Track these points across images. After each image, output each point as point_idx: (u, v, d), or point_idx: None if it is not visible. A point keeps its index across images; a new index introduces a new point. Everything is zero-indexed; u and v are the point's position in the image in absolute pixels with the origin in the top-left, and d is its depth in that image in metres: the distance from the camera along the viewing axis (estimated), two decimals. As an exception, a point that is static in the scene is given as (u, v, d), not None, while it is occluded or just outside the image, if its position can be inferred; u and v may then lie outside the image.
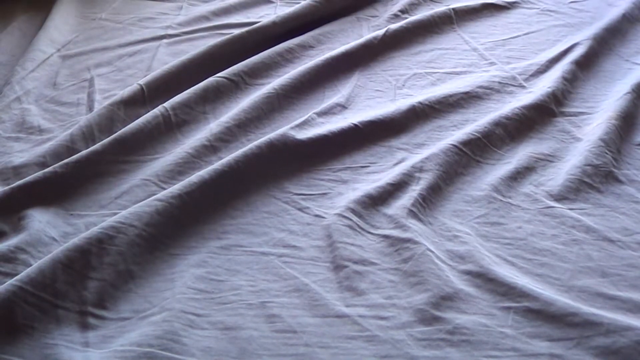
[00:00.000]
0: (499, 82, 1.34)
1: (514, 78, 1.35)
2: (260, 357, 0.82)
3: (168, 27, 1.61)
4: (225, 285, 0.92)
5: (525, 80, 1.35)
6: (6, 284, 0.86)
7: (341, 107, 1.28)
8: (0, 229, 1.00)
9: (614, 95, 1.27)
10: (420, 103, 1.26)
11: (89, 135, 1.19)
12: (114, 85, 1.38)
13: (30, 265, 0.91)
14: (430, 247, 0.96)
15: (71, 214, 1.04)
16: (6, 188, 1.05)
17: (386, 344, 0.83)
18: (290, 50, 1.46)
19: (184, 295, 0.90)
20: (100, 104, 1.30)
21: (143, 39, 1.57)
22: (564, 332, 0.83)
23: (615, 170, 1.10)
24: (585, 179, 1.08)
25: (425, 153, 1.13)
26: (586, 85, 1.33)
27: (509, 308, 0.87)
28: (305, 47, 1.49)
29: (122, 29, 1.62)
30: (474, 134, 1.17)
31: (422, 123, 1.23)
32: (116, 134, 1.17)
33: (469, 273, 0.92)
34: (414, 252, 0.95)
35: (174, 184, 1.05)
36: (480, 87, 1.32)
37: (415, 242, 0.96)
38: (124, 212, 0.98)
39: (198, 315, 0.87)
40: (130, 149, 1.16)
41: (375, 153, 1.16)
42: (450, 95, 1.29)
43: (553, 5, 1.65)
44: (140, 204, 1.00)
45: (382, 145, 1.18)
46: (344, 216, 1.02)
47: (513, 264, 0.94)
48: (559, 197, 1.06)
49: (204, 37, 1.57)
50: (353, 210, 1.03)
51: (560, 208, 1.04)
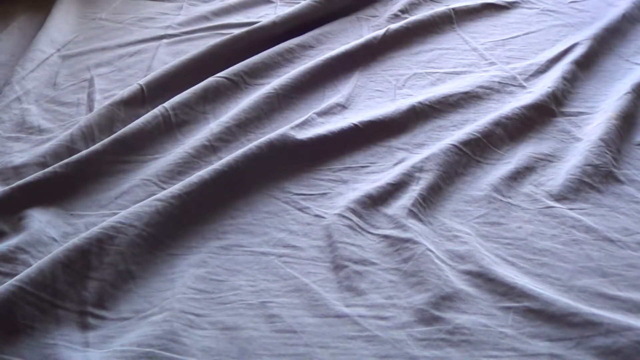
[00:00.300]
0: (499, 82, 1.34)
1: (514, 78, 1.35)
2: (260, 357, 0.82)
3: (168, 27, 1.61)
4: (225, 285, 0.92)
5: (525, 80, 1.35)
6: (6, 284, 0.86)
7: (341, 107, 1.28)
8: (0, 229, 1.00)
9: (614, 95, 1.27)
10: (420, 103, 1.26)
11: (89, 135, 1.19)
12: (114, 85, 1.38)
13: (30, 265, 0.91)
14: (430, 247, 0.96)
15: (71, 214, 1.04)
16: (6, 188, 1.05)
17: (386, 344, 0.83)
18: (290, 50, 1.46)
19: (184, 295, 0.90)
20: (100, 104, 1.30)
21: (143, 39, 1.57)
22: (564, 332, 0.83)
23: (615, 170, 1.10)
24: (585, 179, 1.08)
25: (425, 153, 1.13)
26: (586, 85, 1.33)
27: (509, 308, 0.87)
28: (305, 47, 1.48)
29: (122, 29, 1.62)
30: (474, 134, 1.17)
31: (422, 123, 1.23)
32: (116, 134, 1.17)
33: (469, 273, 0.92)
34: (414, 252, 0.95)
35: (174, 184, 1.05)
36: (480, 87, 1.32)
37: (415, 242, 0.96)
38: (124, 212, 0.98)
39: (198, 315, 0.87)
40: (130, 149, 1.16)
41: (375, 153, 1.16)
42: (450, 95, 1.29)
43: (553, 5, 1.65)
44: (140, 204, 1.00)
45: (382, 145, 1.18)
46: (344, 216, 1.02)
47: (513, 264, 0.94)
48: (559, 197, 1.06)
49: (204, 37, 1.57)
50: (353, 210, 1.03)
51: (560, 208, 1.04)
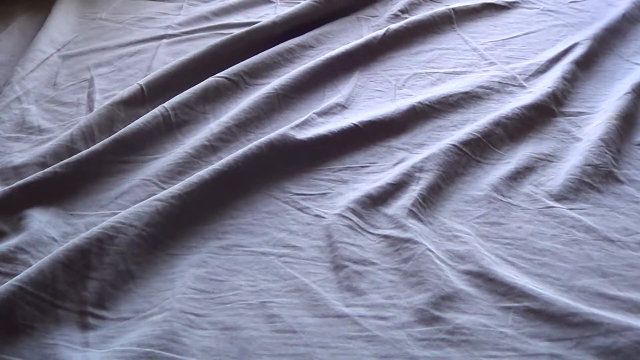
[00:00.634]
0: (499, 82, 1.33)
1: (514, 78, 1.35)
2: (260, 357, 0.82)
3: (168, 27, 1.61)
4: (225, 285, 0.92)
5: (525, 80, 1.35)
6: (6, 284, 0.86)
7: (341, 107, 1.28)
8: (0, 229, 1.00)
9: (614, 95, 1.27)
10: (420, 103, 1.26)
11: (89, 135, 1.19)
12: (114, 85, 1.38)
13: (30, 265, 0.91)
14: (430, 247, 0.96)
15: (71, 214, 1.04)
16: (6, 188, 1.05)
17: (386, 344, 0.83)
18: (290, 50, 1.46)
19: (184, 295, 0.90)
20: (100, 104, 1.30)
21: (143, 39, 1.57)
22: (564, 332, 0.83)
23: (615, 170, 1.10)
24: (585, 179, 1.08)
25: (425, 153, 1.13)
26: (586, 85, 1.33)
27: (509, 308, 0.87)
28: (305, 47, 1.48)
29: (122, 29, 1.62)
30: (474, 134, 1.17)
31: (422, 123, 1.23)
32: (116, 134, 1.17)
33: (469, 273, 0.92)
34: (414, 252, 0.95)
35: (174, 184, 1.05)
36: (480, 87, 1.32)
37: (415, 242, 0.96)
38: (123, 212, 0.98)
39: (198, 315, 0.87)
40: (130, 149, 1.16)
41: (375, 153, 1.16)
42: (450, 95, 1.29)
43: (553, 5, 1.65)
44: (140, 204, 1.00)
45: (382, 145, 1.18)
46: (344, 216, 1.02)
47: (513, 264, 0.94)
48: (559, 197, 1.06)
49: (204, 37, 1.57)
50: (353, 210, 1.03)
51: (560, 208, 1.04)
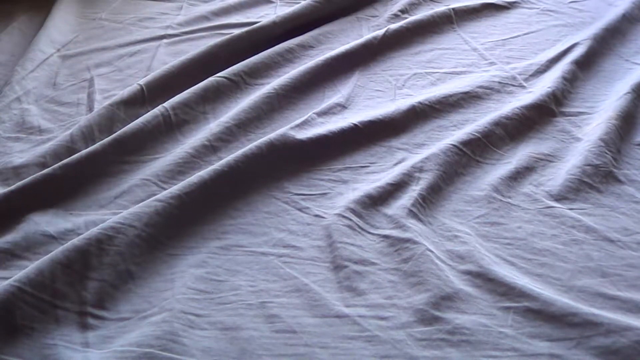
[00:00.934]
0: (499, 82, 1.33)
1: (514, 78, 1.35)
2: (260, 357, 0.82)
3: (168, 27, 1.61)
4: (225, 285, 0.92)
5: (525, 80, 1.35)
6: (5, 284, 0.86)
7: (341, 107, 1.28)
8: (0, 229, 1.00)
9: (614, 95, 1.27)
10: (420, 103, 1.26)
11: (89, 135, 1.19)
12: (114, 85, 1.38)
13: (29, 265, 0.91)
14: (430, 247, 0.96)
15: (71, 214, 1.04)
16: (6, 189, 1.05)
17: (386, 344, 0.83)
18: (290, 50, 1.46)
19: (184, 296, 0.90)
20: (100, 104, 1.30)
21: (143, 39, 1.57)
22: (564, 332, 0.83)
23: (615, 170, 1.10)
24: (585, 179, 1.08)
25: (425, 153, 1.13)
26: (586, 85, 1.33)
27: (508, 308, 0.87)
28: (305, 47, 1.48)
29: (122, 29, 1.62)
30: (474, 134, 1.17)
31: (422, 123, 1.23)
32: (116, 134, 1.17)
33: (468, 273, 0.92)
34: (414, 252, 0.95)
35: (174, 184, 1.05)
36: (480, 87, 1.32)
37: (415, 242, 0.96)
38: (123, 213, 0.98)
39: (198, 315, 0.87)
40: (130, 149, 1.16)
41: (375, 153, 1.16)
42: (450, 95, 1.29)
43: (553, 5, 1.65)
44: (139, 204, 1.00)
45: (382, 145, 1.18)
46: (343, 216, 1.02)
47: (513, 264, 0.94)
48: (559, 197, 1.06)
49: (204, 37, 1.57)
50: (353, 210, 1.03)
51: (560, 208, 1.03)
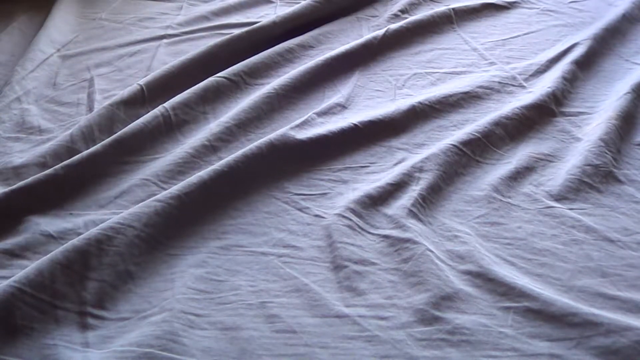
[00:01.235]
0: (499, 82, 1.33)
1: (514, 78, 1.35)
2: (260, 357, 0.82)
3: (168, 27, 1.61)
4: (225, 285, 0.92)
5: (525, 80, 1.35)
6: (5, 284, 0.86)
7: (341, 107, 1.28)
8: (0, 230, 1.00)
9: (614, 95, 1.27)
10: (420, 103, 1.26)
11: (89, 135, 1.19)
12: (114, 85, 1.38)
13: (29, 265, 0.91)
14: (430, 247, 0.96)
15: (71, 214, 1.04)
16: (6, 189, 1.05)
17: (386, 344, 0.83)
18: (290, 50, 1.46)
19: (184, 296, 0.90)
20: (100, 104, 1.30)
21: (143, 39, 1.57)
22: (564, 332, 0.83)
23: (615, 170, 1.10)
24: (585, 179, 1.08)
25: (425, 153, 1.13)
26: (586, 85, 1.33)
27: (508, 308, 0.87)
28: (305, 47, 1.48)
29: (122, 29, 1.62)
30: (474, 134, 1.17)
31: (422, 123, 1.23)
32: (116, 134, 1.17)
33: (468, 273, 0.92)
34: (414, 252, 0.95)
35: (174, 184, 1.05)
36: (480, 87, 1.32)
37: (415, 242, 0.96)
38: (123, 213, 0.98)
39: (198, 315, 0.87)
40: (130, 149, 1.16)
41: (375, 153, 1.16)
42: (450, 95, 1.29)
43: (553, 5, 1.65)
44: (139, 204, 1.00)
45: (382, 145, 1.18)
46: (343, 216, 1.02)
47: (513, 264, 0.94)
48: (559, 197, 1.05)
49: (204, 37, 1.57)
50: (353, 210, 1.03)
51: (560, 208, 1.03)
